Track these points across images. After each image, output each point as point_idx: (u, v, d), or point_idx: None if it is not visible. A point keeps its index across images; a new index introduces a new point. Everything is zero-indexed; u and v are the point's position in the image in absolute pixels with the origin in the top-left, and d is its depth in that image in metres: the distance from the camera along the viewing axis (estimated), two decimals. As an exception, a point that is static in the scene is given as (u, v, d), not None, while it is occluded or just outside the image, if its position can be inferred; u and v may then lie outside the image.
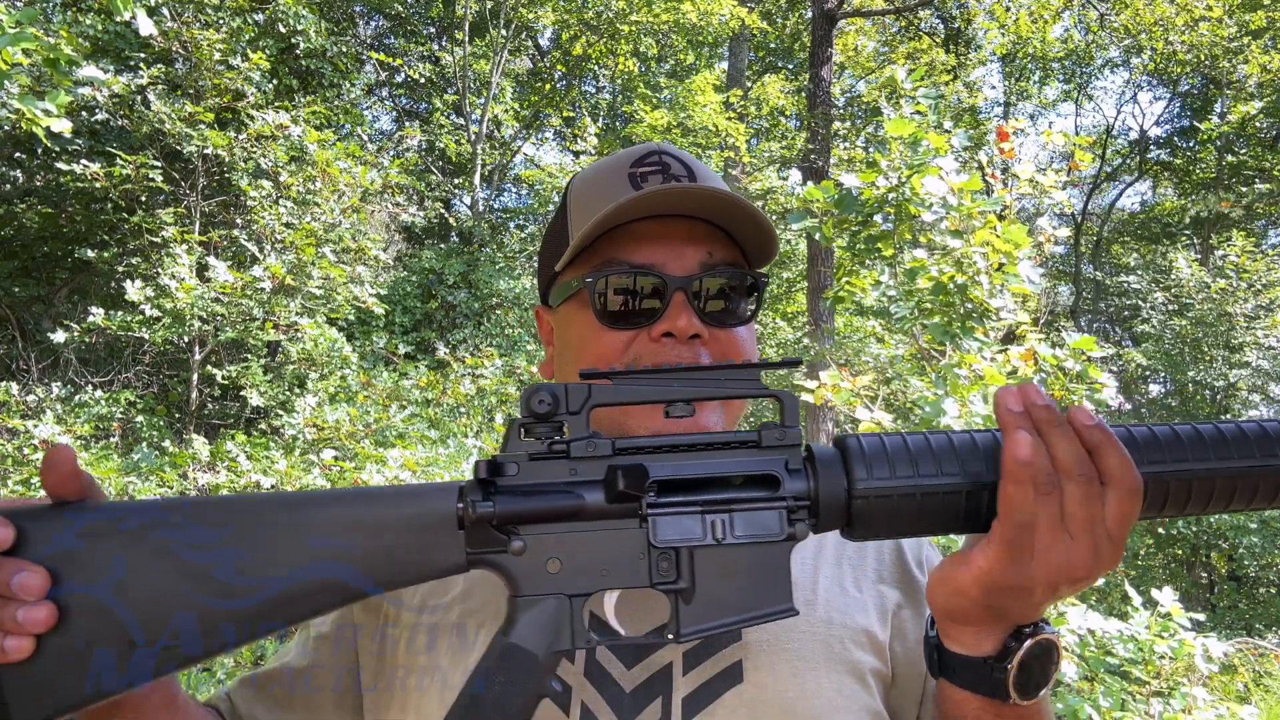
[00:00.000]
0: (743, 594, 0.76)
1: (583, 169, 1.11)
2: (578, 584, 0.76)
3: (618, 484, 0.74)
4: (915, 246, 3.88)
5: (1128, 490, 0.72)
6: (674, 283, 0.97)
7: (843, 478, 0.76)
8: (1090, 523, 0.72)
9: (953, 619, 0.78)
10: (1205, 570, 12.87)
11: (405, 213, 8.34)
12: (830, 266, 9.14)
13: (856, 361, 9.24)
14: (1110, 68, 18.41)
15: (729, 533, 0.75)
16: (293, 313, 6.01)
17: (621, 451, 0.77)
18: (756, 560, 0.76)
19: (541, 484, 0.76)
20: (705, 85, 13.46)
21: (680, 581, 0.76)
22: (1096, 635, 3.65)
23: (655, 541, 0.75)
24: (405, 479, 5.00)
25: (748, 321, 1.03)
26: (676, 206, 0.99)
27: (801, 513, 0.76)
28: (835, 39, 11.64)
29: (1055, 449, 0.72)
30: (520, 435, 0.77)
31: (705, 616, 0.76)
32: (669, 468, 0.77)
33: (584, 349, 1.01)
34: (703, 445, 0.78)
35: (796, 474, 0.77)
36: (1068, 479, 0.72)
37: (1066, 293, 19.06)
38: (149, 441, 5.61)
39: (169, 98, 6.19)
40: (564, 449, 0.77)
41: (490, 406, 6.82)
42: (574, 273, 1.03)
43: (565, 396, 0.76)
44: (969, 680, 0.79)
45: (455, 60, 13.10)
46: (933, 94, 3.84)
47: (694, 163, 1.06)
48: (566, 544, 0.76)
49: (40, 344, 6.98)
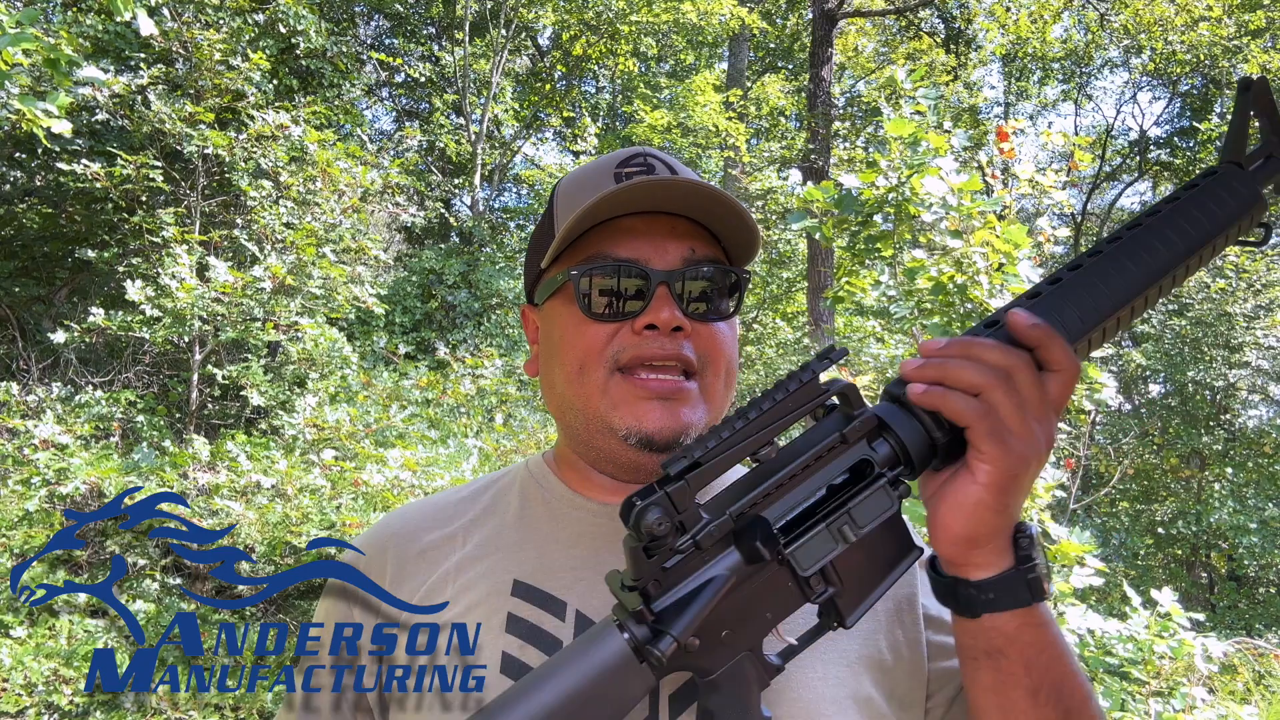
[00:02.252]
0: (882, 563, 0.83)
1: (570, 171, 1.12)
2: (751, 636, 0.81)
3: (755, 548, 0.77)
4: (915, 246, 3.88)
5: (1070, 374, 0.81)
6: (657, 276, 0.98)
7: (913, 420, 0.81)
8: (1043, 403, 0.79)
9: (976, 543, 0.81)
10: (1205, 570, 12.87)
11: (405, 213, 8.34)
12: (830, 266, 9.14)
13: (856, 361, 9.24)
14: (1110, 68, 18.42)
15: (855, 530, 0.79)
16: (293, 313, 6.01)
17: (736, 516, 0.79)
18: (879, 531, 0.81)
19: (691, 591, 0.78)
20: (705, 85, 13.46)
21: (831, 588, 0.81)
22: (1096, 635, 3.65)
23: (801, 573, 0.79)
24: (405, 479, 5.00)
25: (729, 317, 1.04)
26: (660, 202, 0.99)
27: (900, 470, 0.81)
28: (835, 39, 11.64)
29: (983, 356, 0.79)
30: (646, 555, 0.78)
31: (860, 597, 0.82)
32: (782, 506, 0.80)
33: (568, 343, 1.02)
34: (799, 470, 0.81)
35: (879, 442, 0.82)
36: (1013, 372, 0.78)
37: (1066, 293, 19.03)
38: (149, 441, 5.61)
39: (169, 98, 6.19)
40: (693, 545, 0.78)
41: (490, 406, 6.83)
42: (558, 269, 1.04)
43: (673, 506, 0.77)
44: (1009, 598, 0.82)
45: (455, 60, 13.10)
46: (932, 94, 3.85)
47: (679, 166, 1.07)
48: (727, 612, 0.79)
49: (40, 344, 6.98)
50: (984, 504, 0.78)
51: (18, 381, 5.78)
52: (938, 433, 0.81)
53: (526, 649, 0.97)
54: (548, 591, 1.01)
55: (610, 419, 0.99)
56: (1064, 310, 0.84)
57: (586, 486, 1.09)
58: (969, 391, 0.78)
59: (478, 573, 1.04)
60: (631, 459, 1.01)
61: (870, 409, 0.82)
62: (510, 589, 1.01)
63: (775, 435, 0.79)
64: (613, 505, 1.05)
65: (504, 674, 0.96)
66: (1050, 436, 0.80)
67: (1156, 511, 12.45)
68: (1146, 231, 0.86)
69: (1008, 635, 0.83)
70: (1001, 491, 0.78)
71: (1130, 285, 0.85)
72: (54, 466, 4.83)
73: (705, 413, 1.01)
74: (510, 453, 6.00)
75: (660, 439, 0.98)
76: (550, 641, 0.97)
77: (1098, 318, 0.85)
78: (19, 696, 4.32)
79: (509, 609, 1.00)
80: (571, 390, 1.02)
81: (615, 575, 0.81)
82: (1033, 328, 0.80)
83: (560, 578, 1.02)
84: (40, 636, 4.53)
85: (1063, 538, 3.45)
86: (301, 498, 4.89)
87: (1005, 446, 0.77)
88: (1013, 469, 0.77)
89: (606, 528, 1.06)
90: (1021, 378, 0.78)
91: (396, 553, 1.09)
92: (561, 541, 1.05)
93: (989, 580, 0.82)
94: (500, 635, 0.98)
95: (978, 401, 0.78)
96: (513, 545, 1.06)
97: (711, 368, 1.02)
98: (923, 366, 0.81)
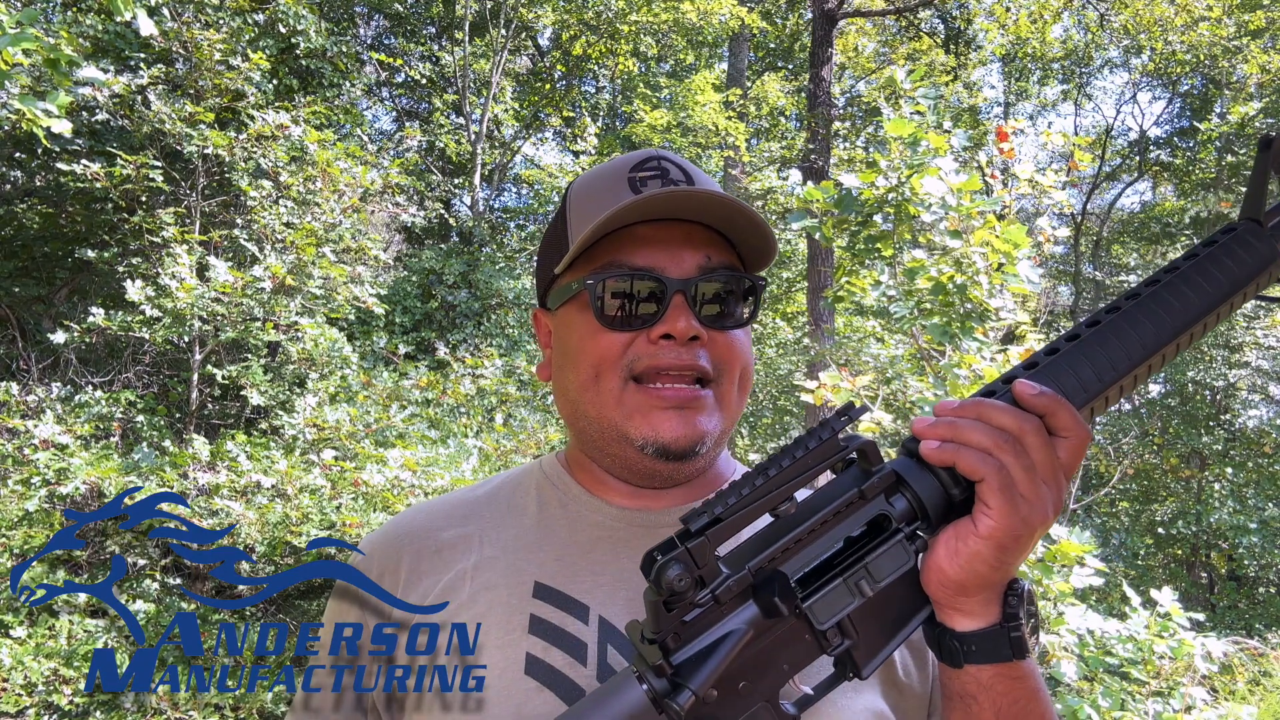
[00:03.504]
0: (897, 615, 0.84)
1: (582, 173, 1.12)
2: (768, 687, 0.82)
3: (774, 603, 0.79)
4: (915, 246, 3.88)
5: (1080, 441, 0.81)
6: (673, 285, 0.98)
7: (931, 476, 0.82)
8: (1053, 467, 0.80)
9: (965, 591, 0.81)
10: (1205, 570, 12.88)
11: (405, 213, 8.33)
12: (830, 266, 9.14)
13: (856, 361, 9.24)
14: (1110, 68, 18.42)
15: (872, 584, 0.80)
16: (293, 313, 6.00)
17: (755, 570, 0.80)
18: (895, 583, 0.82)
19: (709, 645, 0.79)
20: (705, 85, 13.46)
21: (848, 640, 0.82)
22: (1096, 635, 3.65)
23: (819, 627, 0.80)
24: (405, 479, 5.00)
25: (745, 324, 1.04)
26: (676, 210, 0.99)
27: (916, 525, 0.83)
28: (835, 39, 11.63)
29: (994, 418, 0.80)
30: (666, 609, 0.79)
31: (876, 648, 0.83)
32: (800, 561, 0.81)
33: (583, 351, 1.02)
34: (817, 525, 0.81)
35: (897, 497, 0.83)
36: (1022, 435, 0.79)
37: (1066, 293, 19.06)
38: (149, 441, 5.61)
39: (169, 98, 6.19)
40: (712, 600, 0.79)
41: (490, 406, 6.82)
42: (573, 276, 1.04)
43: (694, 561, 0.77)
44: (989, 652, 0.83)
45: (455, 60, 13.10)
46: (932, 94, 3.85)
47: (692, 169, 1.07)
48: (745, 664, 0.81)
49: (40, 344, 6.97)
50: (981, 557, 0.79)
51: (18, 381, 5.78)
52: (955, 489, 0.82)
53: (551, 650, 0.97)
54: (569, 594, 1.01)
55: (626, 429, 0.99)
56: (1079, 370, 0.84)
57: (602, 489, 1.09)
58: (980, 450, 0.79)
59: (498, 573, 1.04)
60: (648, 467, 1.02)
61: (888, 464, 0.83)
62: (532, 591, 1.01)
63: (795, 491, 0.79)
64: (630, 510, 1.07)
65: (529, 675, 0.96)
66: (1058, 501, 0.80)
67: (1156, 511, 12.46)
68: (1165, 289, 0.86)
69: (982, 683, 0.85)
70: (1001, 549, 0.79)
71: (1146, 343, 0.85)
72: (54, 466, 4.83)
73: (721, 420, 1.01)
74: (510, 453, 6.00)
75: (676, 448, 0.98)
76: (575, 643, 0.98)
77: (1113, 376, 0.85)
78: (19, 696, 4.32)
79: (531, 610, 1.00)
80: (586, 398, 1.02)
81: (635, 626, 0.82)
82: (1038, 397, 0.80)
83: (581, 581, 1.02)
84: (40, 636, 4.53)
85: (1063, 538, 3.45)
86: (301, 498, 4.89)
87: (1013, 505, 0.78)
88: (1015, 530, 0.78)
89: (624, 533, 1.06)
90: (1031, 441, 0.79)
91: (414, 550, 1.09)
92: (580, 545, 1.05)
93: (972, 633, 0.83)
94: (524, 637, 0.98)
95: (992, 458, 0.78)
96: (532, 547, 1.06)
97: (727, 375, 1.02)
98: (935, 425, 0.82)
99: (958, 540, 0.80)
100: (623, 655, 0.96)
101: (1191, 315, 0.86)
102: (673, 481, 1.06)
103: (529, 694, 0.95)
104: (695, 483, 1.09)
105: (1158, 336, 0.85)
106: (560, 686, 0.95)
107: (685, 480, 1.07)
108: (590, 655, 0.97)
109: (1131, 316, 0.86)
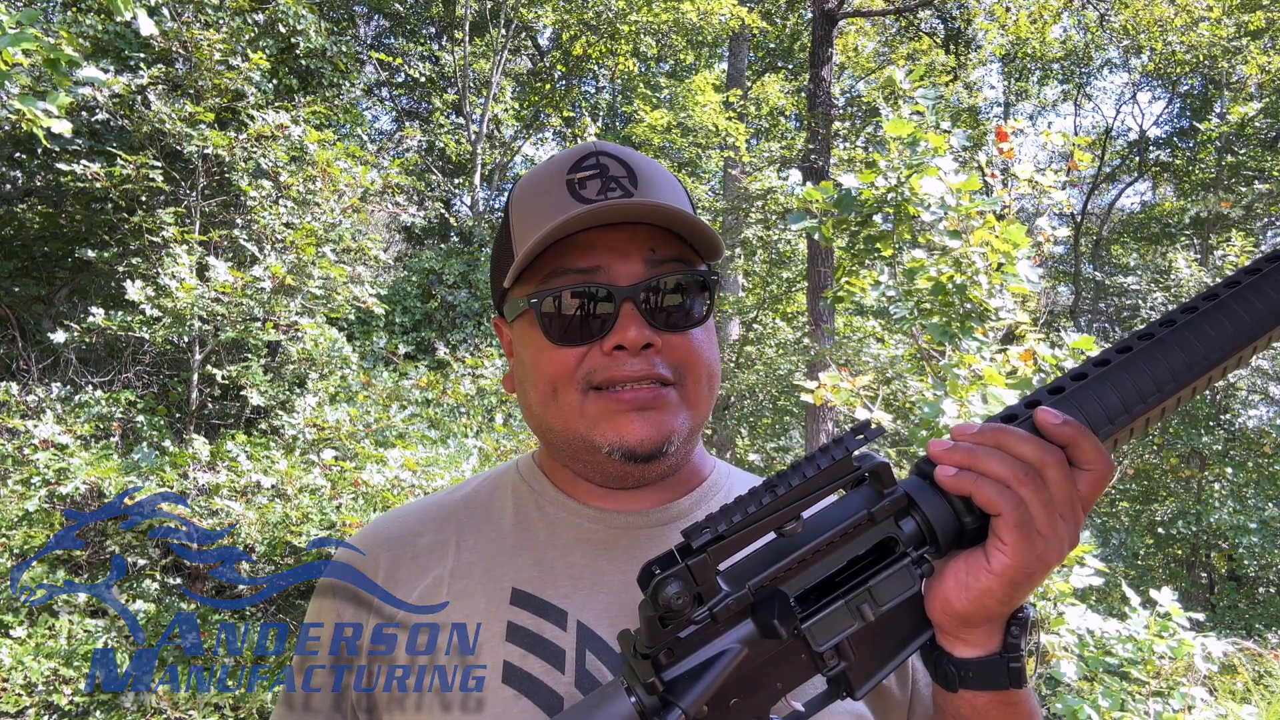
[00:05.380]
0: (896, 638, 0.82)
1: (523, 175, 1.10)
2: (760, 705, 0.80)
3: (772, 624, 0.77)
4: (914, 246, 3.89)
5: (1102, 474, 0.78)
6: (620, 294, 0.95)
7: (944, 501, 0.79)
8: (1072, 502, 0.77)
9: (970, 622, 0.80)
10: (1205, 570, 12.88)
11: (405, 213, 8.32)
12: (830, 266, 9.14)
13: (856, 361, 9.25)
14: (1110, 68, 18.42)
15: (874, 608, 0.78)
16: (293, 313, 6.00)
17: (755, 589, 0.78)
18: (898, 608, 0.80)
19: (703, 663, 0.77)
20: (705, 85, 13.46)
21: (844, 662, 0.80)
22: (1096, 635, 3.65)
23: (816, 649, 0.78)
24: (405, 479, 5.00)
25: (703, 321, 1.01)
26: (619, 217, 0.96)
27: (924, 549, 0.80)
28: (835, 39, 11.63)
29: (1014, 448, 0.77)
30: (661, 624, 0.78)
31: (872, 671, 0.81)
32: (802, 581, 0.79)
33: (537, 367, 1.00)
34: (823, 545, 0.79)
35: (906, 520, 0.80)
36: (1043, 468, 0.76)
37: (1066, 293, 19.06)
38: (149, 441, 5.61)
39: (169, 98, 6.19)
40: (708, 617, 0.77)
41: (490, 406, 6.82)
42: (521, 290, 1.01)
43: (693, 578, 0.75)
44: (986, 680, 0.82)
45: (455, 60, 13.10)
46: (931, 94, 3.85)
47: (634, 160, 1.03)
48: (738, 681, 0.79)
49: (40, 344, 6.97)
50: (991, 593, 0.77)
51: (18, 381, 5.78)
52: (968, 518, 0.79)
53: (529, 658, 0.96)
54: (547, 600, 1.00)
55: (591, 437, 0.97)
56: (1106, 398, 0.81)
57: (577, 491, 1.08)
58: (998, 482, 0.77)
59: (475, 580, 1.03)
60: (617, 470, 1.00)
61: (900, 485, 0.81)
62: (509, 598, 1.00)
63: (802, 510, 0.77)
64: (608, 512, 1.06)
65: (506, 683, 0.96)
66: (1075, 537, 0.78)
67: (1156, 511, 12.45)
68: (1202, 318, 0.82)
69: (976, 708, 0.84)
70: (1013, 585, 0.77)
71: (1179, 374, 0.81)
72: (54, 466, 4.82)
73: (689, 418, 1.00)
74: (510, 453, 6.01)
75: (643, 450, 0.96)
76: (553, 650, 0.97)
77: (1142, 408, 0.81)
78: (19, 696, 4.32)
79: (509, 618, 0.99)
80: (548, 413, 1.01)
81: (628, 637, 0.80)
82: (1061, 426, 0.77)
83: (559, 586, 1.01)
84: (40, 636, 4.53)
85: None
86: (301, 498, 4.89)
87: (1029, 542, 0.75)
88: (1029, 567, 0.76)
89: (601, 535, 1.05)
90: (1052, 475, 0.76)
91: (390, 557, 1.08)
92: (557, 548, 1.04)
93: (971, 660, 0.82)
94: (501, 644, 0.98)
95: (1011, 491, 0.76)
96: (509, 552, 1.05)
97: (690, 375, 0.99)
98: (952, 450, 0.79)
99: (969, 574, 0.78)
100: (601, 661, 0.96)
101: (1229, 347, 0.81)
102: (644, 482, 1.04)
103: (507, 702, 0.94)
104: (670, 481, 1.07)
105: (1190, 368, 0.81)
106: (539, 694, 0.94)
107: (657, 479, 1.05)
108: (568, 662, 0.96)
109: (1165, 345, 0.81)
